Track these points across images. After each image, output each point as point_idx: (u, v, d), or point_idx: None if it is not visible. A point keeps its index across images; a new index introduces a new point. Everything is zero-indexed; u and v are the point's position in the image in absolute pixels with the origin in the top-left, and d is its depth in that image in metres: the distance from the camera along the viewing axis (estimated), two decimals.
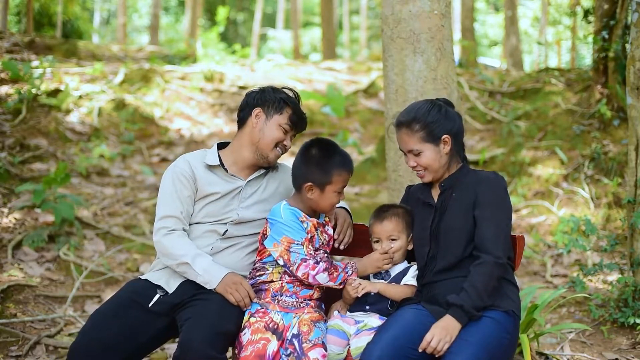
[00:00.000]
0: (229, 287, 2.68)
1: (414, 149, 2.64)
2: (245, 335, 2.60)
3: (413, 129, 2.63)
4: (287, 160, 3.15)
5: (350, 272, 2.68)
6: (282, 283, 2.69)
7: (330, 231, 2.81)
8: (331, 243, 2.82)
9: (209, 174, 2.86)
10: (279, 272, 2.70)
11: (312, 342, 2.57)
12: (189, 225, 2.86)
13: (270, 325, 2.61)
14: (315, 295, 2.74)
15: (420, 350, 2.43)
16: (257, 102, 2.89)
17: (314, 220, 2.71)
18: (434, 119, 2.64)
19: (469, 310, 2.44)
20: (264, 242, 2.71)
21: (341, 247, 2.86)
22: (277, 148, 2.88)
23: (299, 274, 2.63)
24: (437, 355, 2.43)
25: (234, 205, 2.85)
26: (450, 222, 2.61)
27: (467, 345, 2.41)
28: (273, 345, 2.57)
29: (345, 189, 2.73)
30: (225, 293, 2.68)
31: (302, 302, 2.69)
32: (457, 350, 2.40)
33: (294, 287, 2.68)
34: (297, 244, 2.63)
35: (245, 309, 2.69)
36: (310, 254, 2.65)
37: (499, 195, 2.59)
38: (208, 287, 2.71)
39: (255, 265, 2.78)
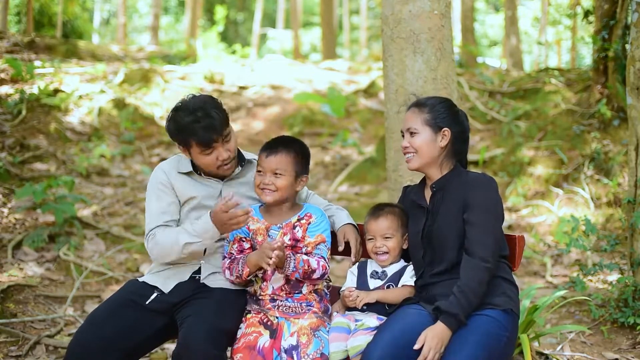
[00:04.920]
0: (224, 227, 2.63)
1: (413, 127, 2.67)
2: (241, 330, 2.64)
3: (421, 110, 2.69)
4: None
5: (240, 267, 2.68)
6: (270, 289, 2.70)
7: (299, 233, 2.72)
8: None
9: (185, 179, 2.85)
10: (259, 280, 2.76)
11: (310, 356, 2.55)
12: None
13: (265, 321, 2.64)
14: (311, 297, 2.72)
15: (415, 348, 2.44)
16: (172, 140, 2.85)
17: (266, 223, 2.73)
18: (442, 110, 2.70)
19: (461, 320, 2.46)
20: None
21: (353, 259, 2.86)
22: (222, 166, 2.78)
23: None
24: None
25: None
26: (443, 227, 2.61)
27: (466, 343, 2.41)
28: (264, 339, 2.58)
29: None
30: (228, 231, 2.65)
31: (303, 305, 2.68)
32: (456, 348, 2.41)
33: (283, 291, 2.70)
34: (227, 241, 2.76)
35: (248, 222, 2.66)
36: (232, 252, 2.73)
37: (489, 198, 2.58)
38: (217, 237, 2.68)
39: None
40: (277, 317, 2.66)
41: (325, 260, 2.68)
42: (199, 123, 2.68)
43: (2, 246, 5.20)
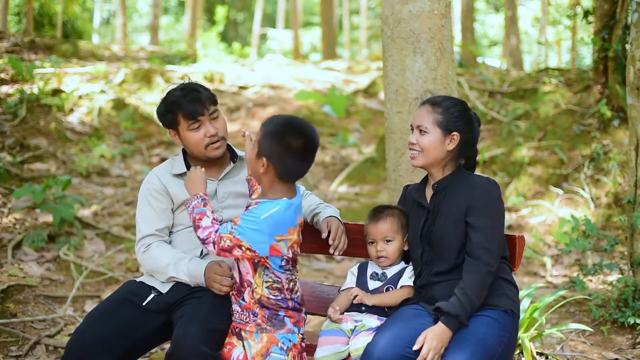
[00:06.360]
0: (209, 283, 2.68)
1: (423, 126, 2.65)
2: None
3: (434, 109, 2.66)
4: None
5: None
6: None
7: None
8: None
9: (180, 181, 2.85)
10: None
11: None
12: (176, 232, 2.86)
13: (236, 330, 2.55)
14: (255, 306, 2.50)
15: (414, 349, 2.44)
16: (163, 125, 2.91)
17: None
18: (456, 114, 2.66)
19: (462, 321, 2.46)
20: None
21: (336, 253, 2.80)
22: (210, 144, 2.80)
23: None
24: None
25: (215, 207, 2.83)
26: (443, 227, 2.61)
27: (467, 344, 2.41)
28: (239, 351, 2.49)
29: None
30: (211, 289, 2.68)
31: (249, 314, 2.52)
32: (456, 349, 2.41)
33: (235, 291, 2.59)
34: None
35: (228, 293, 2.64)
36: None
37: (492, 203, 2.58)
38: (200, 285, 2.72)
39: None
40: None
41: (217, 234, 2.41)
42: (185, 97, 2.79)
43: (2, 246, 5.20)
